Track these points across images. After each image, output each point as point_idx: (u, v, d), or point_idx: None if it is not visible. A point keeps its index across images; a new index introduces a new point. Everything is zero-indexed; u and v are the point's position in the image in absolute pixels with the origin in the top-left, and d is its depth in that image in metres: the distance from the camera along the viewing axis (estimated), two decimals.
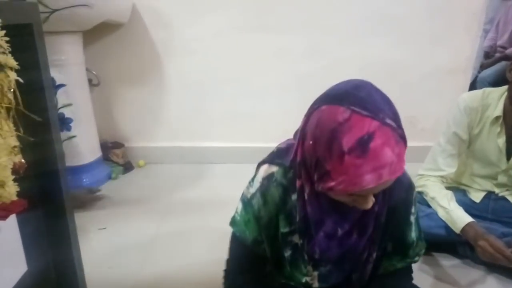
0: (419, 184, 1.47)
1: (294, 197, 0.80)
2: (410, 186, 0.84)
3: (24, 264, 0.91)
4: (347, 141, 0.61)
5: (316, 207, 0.79)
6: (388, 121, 0.63)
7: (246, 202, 0.85)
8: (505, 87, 1.34)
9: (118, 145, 2.26)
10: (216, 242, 1.56)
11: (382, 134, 0.61)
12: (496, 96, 1.36)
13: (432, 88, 2.24)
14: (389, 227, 0.84)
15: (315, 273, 0.87)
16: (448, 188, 1.46)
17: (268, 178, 0.81)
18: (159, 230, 1.72)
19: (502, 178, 1.42)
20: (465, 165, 1.49)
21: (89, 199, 1.97)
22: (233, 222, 0.88)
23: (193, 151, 2.34)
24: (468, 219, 1.32)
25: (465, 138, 1.40)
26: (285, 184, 0.80)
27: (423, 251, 0.89)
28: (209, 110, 2.31)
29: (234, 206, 0.92)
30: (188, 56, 2.21)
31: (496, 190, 1.45)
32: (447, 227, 1.37)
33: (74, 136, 1.91)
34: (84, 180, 1.99)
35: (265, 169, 0.82)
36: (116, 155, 2.20)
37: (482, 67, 2.75)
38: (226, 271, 0.94)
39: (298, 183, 0.78)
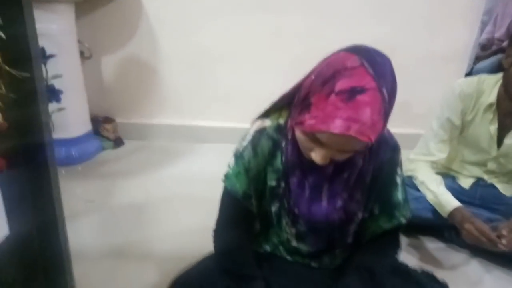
0: (410, 168, 1.47)
1: (284, 143, 0.83)
2: (395, 147, 0.86)
3: (6, 228, 0.89)
4: (341, 84, 0.64)
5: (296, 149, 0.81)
6: (384, 91, 0.65)
7: (238, 155, 0.87)
8: (501, 74, 1.34)
9: (109, 120, 2.23)
10: (205, 213, 1.56)
11: (372, 95, 0.64)
12: (491, 83, 1.36)
13: (427, 74, 2.23)
14: (375, 187, 0.85)
15: (293, 231, 0.89)
16: (438, 174, 1.47)
17: (261, 131, 0.85)
18: (147, 201, 1.72)
19: (491, 165, 1.43)
20: (456, 152, 1.49)
21: (75, 173, 1.95)
22: (225, 177, 0.90)
23: (186, 129, 2.32)
24: (456, 203, 1.33)
25: (458, 124, 1.40)
26: (276, 138, 0.84)
27: (409, 213, 0.90)
28: (203, 88, 2.28)
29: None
30: (183, 33, 2.17)
31: (485, 177, 1.46)
32: (434, 211, 1.38)
33: (63, 108, 1.88)
34: (73, 153, 1.98)
35: (258, 124, 0.86)
36: (106, 130, 2.17)
37: (478, 59, 2.74)
38: (215, 230, 0.95)
39: (289, 123, 0.80)
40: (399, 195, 0.88)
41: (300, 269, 0.96)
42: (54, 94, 1.83)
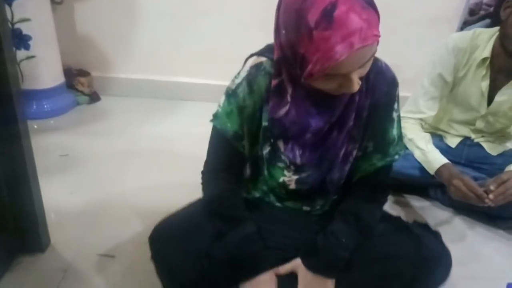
0: None
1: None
2: (393, 81, 0.83)
3: None
4: (312, 16, 0.61)
5: (301, 108, 0.77)
6: None
7: (230, 93, 0.82)
8: (496, 28, 1.29)
9: (83, 73, 2.09)
10: (187, 170, 1.52)
11: (345, 1, 0.60)
12: (485, 38, 1.32)
13: (416, 36, 2.17)
14: (370, 123, 0.83)
15: (294, 177, 0.86)
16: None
17: (257, 66, 0.80)
18: (126, 157, 1.64)
19: (480, 124, 1.41)
20: (444, 111, 1.47)
21: (48, 128, 1.84)
22: (214, 116, 0.85)
23: (165, 85, 2.20)
24: (444, 160, 1.32)
25: (450, 80, 1.37)
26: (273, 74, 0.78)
27: (403, 151, 0.88)
28: (184, 43, 2.15)
29: (206, 142, 0.89)
30: None
31: (472, 136, 1.45)
32: (421, 169, 1.37)
33: (33, 56, 1.75)
34: (45, 106, 1.87)
35: (253, 59, 0.81)
36: (81, 84, 2.04)
37: (466, 23, 2.71)
38: (203, 172, 0.91)
39: (273, 82, 0.77)
40: (394, 131, 0.86)
41: (289, 215, 0.93)
42: (21, 40, 1.68)
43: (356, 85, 0.68)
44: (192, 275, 0.82)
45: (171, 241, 0.84)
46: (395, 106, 0.84)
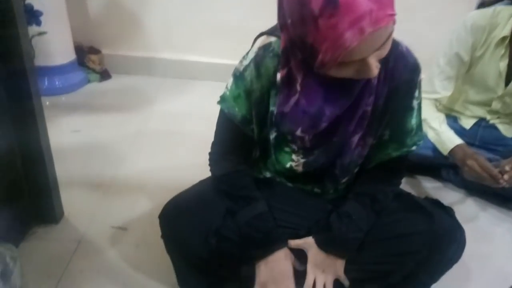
0: None
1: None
2: (415, 66, 0.78)
3: None
4: (315, 4, 0.56)
5: (312, 97, 0.72)
6: None
7: (238, 75, 0.79)
8: None
9: (94, 50, 2.09)
10: (197, 148, 1.53)
11: None
12: (506, 15, 1.28)
13: (433, 16, 2.12)
14: (388, 111, 0.79)
15: (302, 161, 0.84)
16: None
17: (265, 48, 0.76)
18: (137, 135, 1.64)
19: (496, 105, 1.38)
20: (459, 92, 1.44)
21: (60, 104, 1.85)
22: (222, 98, 0.83)
23: (176, 64, 2.19)
24: (458, 140, 1.30)
25: (467, 60, 1.33)
26: None
27: (421, 141, 0.84)
28: (195, 21, 2.12)
29: (216, 121, 0.87)
30: None
31: (488, 117, 1.42)
32: (434, 149, 1.35)
33: (44, 32, 1.75)
34: (57, 83, 1.87)
35: (262, 39, 0.77)
36: (92, 61, 2.04)
37: (483, 4, 2.63)
38: (211, 153, 0.90)
39: (281, 72, 0.72)
40: (413, 120, 0.82)
41: (301, 195, 0.92)
42: (32, 15, 1.68)
43: (375, 69, 0.63)
44: (202, 253, 0.82)
45: (180, 219, 0.84)
46: (416, 93, 0.79)
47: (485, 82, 1.35)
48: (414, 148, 0.85)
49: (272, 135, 0.82)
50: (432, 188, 1.44)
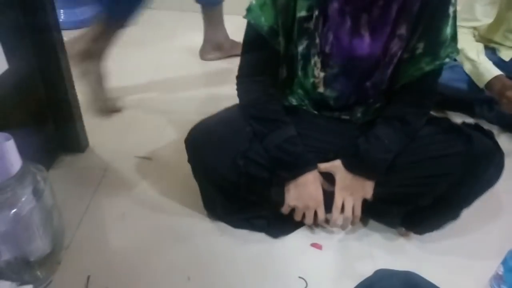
0: None
1: None
2: None
3: (5, 63, 0.80)
4: None
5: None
6: None
7: None
8: None
9: None
10: (217, 81, 1.51)
11: None
12: None
13: None
14: (422, 19, 0.74)
15: (322, 74, 0.81)
16: None
17: None
18: (158, 68, 1.63)
19: None
20: (501, 20, 1.32)
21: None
22: (248, 10, 0.80)
23: None
24: (496, 72, 1.22)
25: None
26: None
27: (454, 54, 0.79)
28: None
29: (235, 56, 0.86)
30: None
31: None
32: (469, 82, 1.28)
33: None
34: (75, 15, 1.82)
35: None
36: None
37: None
38: (238, 76, 0.88)
39: None
40: (449, 29, 0.76)
41: (328, 122, 0.90)
42: None
43: None
44: (230, 175, 0.82)
45: (207, 142, 0.83)
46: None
47: None
48: (447, 60, 0.80)
49: (302, 46, 0.79)
50: None
